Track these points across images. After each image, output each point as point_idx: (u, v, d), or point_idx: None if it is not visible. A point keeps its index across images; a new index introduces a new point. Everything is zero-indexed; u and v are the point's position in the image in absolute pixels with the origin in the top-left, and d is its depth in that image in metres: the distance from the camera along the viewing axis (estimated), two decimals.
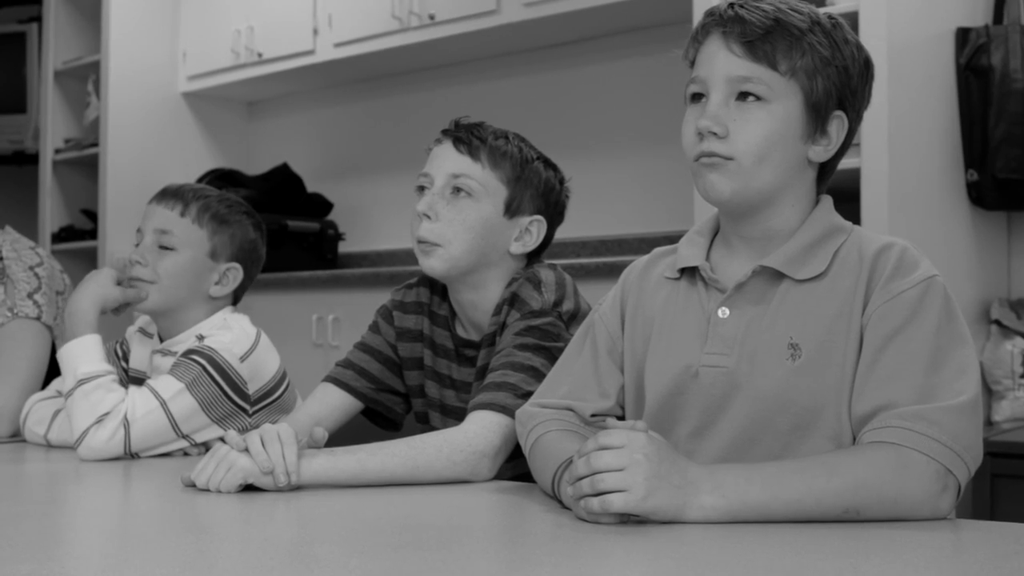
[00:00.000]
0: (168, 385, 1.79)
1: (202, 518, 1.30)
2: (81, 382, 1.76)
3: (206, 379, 1.81)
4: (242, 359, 1.86)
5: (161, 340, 1.97)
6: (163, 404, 1.77)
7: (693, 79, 1.34)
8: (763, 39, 1.29)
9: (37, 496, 1.49)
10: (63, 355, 1.82)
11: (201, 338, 1.88)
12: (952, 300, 1.27)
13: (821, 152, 1.33)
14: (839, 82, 1.31)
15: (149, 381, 1.81)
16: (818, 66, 1.30)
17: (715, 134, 1.30)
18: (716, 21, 1.33)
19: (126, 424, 1.74)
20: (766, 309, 1.31)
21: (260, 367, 1.90)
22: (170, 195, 1.93)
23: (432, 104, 4.66)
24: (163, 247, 1.90)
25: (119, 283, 1.91)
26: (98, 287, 1.88)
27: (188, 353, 1.84)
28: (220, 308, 1.94)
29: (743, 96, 1.30)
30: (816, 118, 1.32)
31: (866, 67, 1.34)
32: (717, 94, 1.31)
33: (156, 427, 1.76)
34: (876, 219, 2.68)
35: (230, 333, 1.88)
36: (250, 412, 1.87)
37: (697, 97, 1.34)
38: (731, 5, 1.33)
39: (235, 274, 1.95)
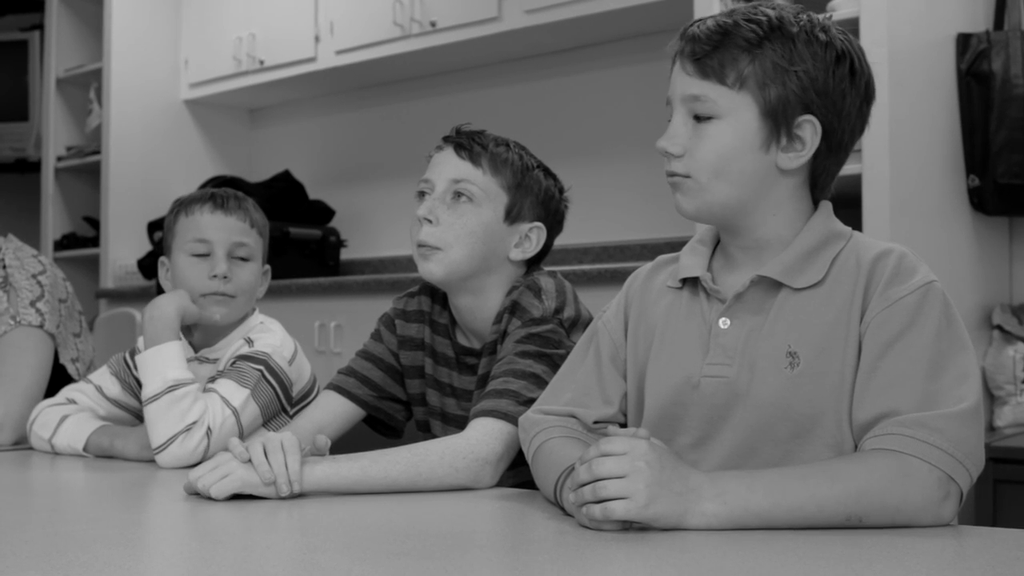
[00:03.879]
0: (236, 392, 1.78)
1: (205, 526, 1.30)
2: (171, 388, 1.73)
3: (264, 384, 1.82)
4: (290, 362, 1.88)
5: (195, 349, 1.95)
6: (235, 412, 1.76)
7: (667, 100, 1.36)
8: (710, 55, 1.29)
9: (41, 504, 1.50)
10: (146, 359, 1.78)
11: (250, 342, 1.87)
12: (951, 305, 1.26)
13: (793, 159, 1.31)
14: (800, 87, 1.28)
15: (216, 388, 1.78)
16: (769, 74, 1.28)
17: (672, 154, 1.32)
18: (678, 40, 1.34)
19: (209, 433, 1.73)
20: (765, 318, 1.31)
21: (302, 369, 1.93)
22: None
23: (434, 111, 4.67)
24: None
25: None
26: (181, 299, 1.85)
27: (244, 358, 1.84)
28: None
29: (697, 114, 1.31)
30: (776, 126, 1.29)
31: (837, 64, 1.29)
32: (677, 114, 1.32)
33: (229, 435, 1.73)
34: (877, 225, 2.69)
35: (277, 336, 1.89)
36: (291, 413, 1.88)
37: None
38: (693, 23, 1.33)
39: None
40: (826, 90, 1.29)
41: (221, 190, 1.95)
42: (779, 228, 1.34)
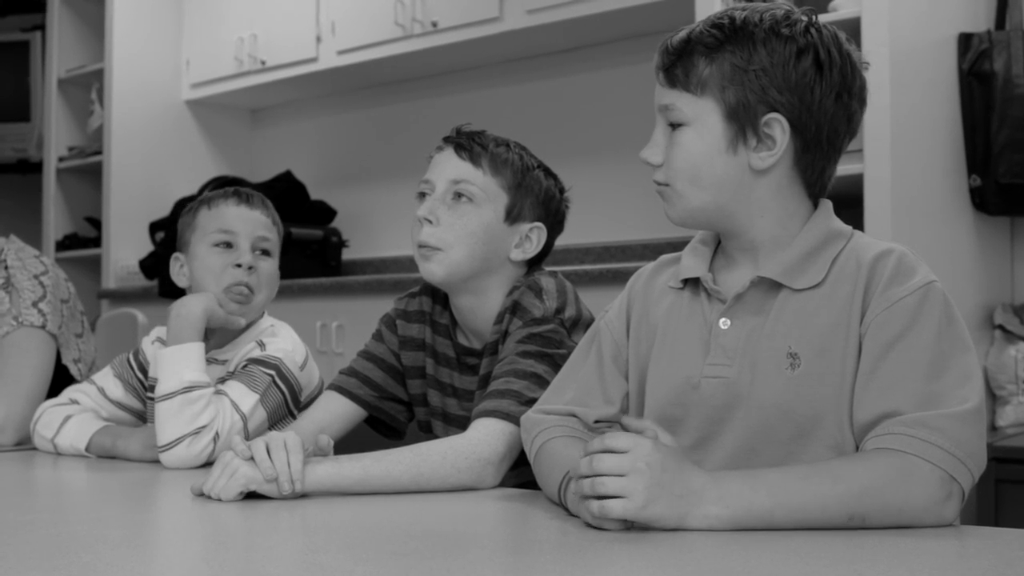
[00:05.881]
0: (246, 397, 1.77)
1: (207, 527, 1.30)
2: (187, 389, 1.72)
3: (274, 390, 1.81)
4: (301, 367, 1.88)
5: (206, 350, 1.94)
6: (244, 418, 1.76)
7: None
8: (675, 64, 1.32)
9: (44, 504, 1.50)
10: (165, 356, 1.77)
11: (262, 345, 1.87)
12: (952, 305, 1.26)
13: (766, 158, 1.30)
14: (759, 86, 1.28)
15: (227, 391, 1.78)
16: (728, 76, 1.28)
17: (652, 164, 1.34)
18: (656, 54, 1.36)
19: (216, 438, 1.72)
20: (766, 319, 1.31)
21: (312, 375, 1.93)
22: None
23: (435, 111, 4.67)
24: None
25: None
26: (210, 300, 1.84)
27: (256, 362, 1.83)
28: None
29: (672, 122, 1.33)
30: (741, 128, 1.29)
31: (798, 58, 1.28)
32: (658, 125, 1.35)
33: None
34: (879, 225, 2.68)
35: (288, 340, 1.89)
36: (297, 417, 1.88)
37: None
38: (669, 35, 1.35)
39: None
40: (788, 86, 1.28)
41: (242, 188, 1.96)
42: (771, 229, 1.33)
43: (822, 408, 1.26)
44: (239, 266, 1.87)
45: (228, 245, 1.89)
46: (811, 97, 1.28)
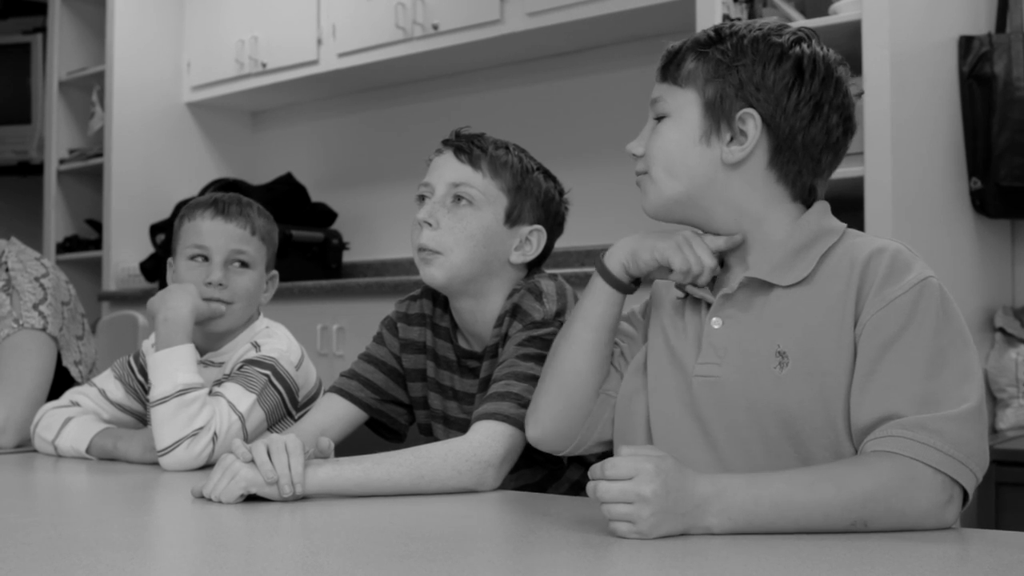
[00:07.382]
0: (243, 398, 1.78)
1: (208, 529, 1.30)
2: (181, 392, 1.73)
3: (271, 389, 1.83)
4: (297, 367, 1.89)
5: (200, 352, 1.93)
6: (241, 418, 1.77)
7: None
8: (671, 62, 1.37)
9: (44, 507, 1.50)
10: (158, 360, 1.78)
11: (257, 346, 1.88)
12: (950, 300, 1.25)
13: (736, 152, 1.32)
14: (738, 80, 1.32)
15: (223, 392, 1.79)
16: (711, 71, 1.33)
17: (635, 154, 1.39)
18: None
19: (214, 439, 1.73)
20: (755, 317, 1.31)
21: (308, 374, 1.94)
22: None
23: (436, 114, 4.67)
24: None
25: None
26: (193, 298, 1.84)
27: (251, 363, 1.85)
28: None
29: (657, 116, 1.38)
30: (716, 120, 1.33)
31: (780, 61, 1.31)
32: (648, 121, 1.39)
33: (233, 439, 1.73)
34: (879, 227, 2.68)
35: (283, 341, 1.90)
36: (295, 417, 1.88)
37: None
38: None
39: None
40: (766, 85, 1.31)
41: (226, 195, 1.96)
42: (753, 229, 1.35)
43: (812, 407, 1.26)
44: (211, 283, 1.88)
45: (205, 258, 1.90)
46: (787, 100, 1.32)
